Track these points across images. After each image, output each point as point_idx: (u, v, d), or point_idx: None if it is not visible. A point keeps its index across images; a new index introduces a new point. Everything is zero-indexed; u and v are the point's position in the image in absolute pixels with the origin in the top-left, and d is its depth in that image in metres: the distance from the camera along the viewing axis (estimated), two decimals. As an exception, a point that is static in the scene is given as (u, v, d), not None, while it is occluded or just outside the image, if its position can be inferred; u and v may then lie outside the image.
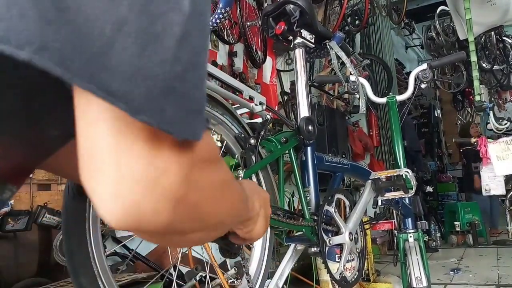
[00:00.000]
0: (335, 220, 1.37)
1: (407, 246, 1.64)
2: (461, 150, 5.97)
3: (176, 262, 1.48)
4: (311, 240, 1.31)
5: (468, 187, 5.79)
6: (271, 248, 1.24)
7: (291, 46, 1.51)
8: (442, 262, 4.03)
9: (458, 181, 6.80)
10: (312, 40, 1.51)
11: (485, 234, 5.12)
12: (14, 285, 1.68)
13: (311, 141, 1.41)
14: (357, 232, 1.44)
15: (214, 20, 2.29)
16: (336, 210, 1.38)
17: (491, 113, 4.22)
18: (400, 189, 1.52)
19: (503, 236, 5.28)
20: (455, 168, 7.79)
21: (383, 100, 1.83)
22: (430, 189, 5.69)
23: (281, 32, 1.43)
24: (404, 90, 1.85)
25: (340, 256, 1.38)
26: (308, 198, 1.39)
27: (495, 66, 5.67)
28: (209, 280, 1.50)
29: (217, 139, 1.15)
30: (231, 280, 1.88)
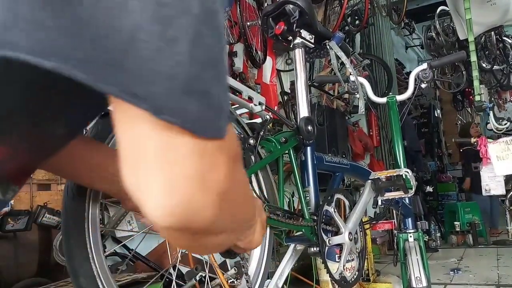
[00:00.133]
0: (334, 220, 1.37)
1: (407, 246, 1.63)
2: (461, 150, 5.97)
3: (175, 262, 1.48)
4: (311, 240, 1.31)
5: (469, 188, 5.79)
6: (270, 248, 1.24)
7: (291, 46, 1.51)
8: (442, 262, 4.03)
9: (458, 181, 6.80)
10: (312, 40, 1.51)
11: (485, 234, 5.12)
12: (14, 285, 1.68)
13: (310, 141, 1.41)
14: (357, 232, 1.44)
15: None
16: (335, 210, 1.38)
17: (491, 113, 4.21)
18: (400, 189, 1.52)
19: (503, 236, 5.28)
20: (455, 168, 7.79)
21: (383, 100, 1.83)
22: (430, 189, 5.69)
23: (280, 32, 1.43)
24: (404, 90, 1.84)
25: (340, 256, 1.38)
26: (307, 198, 1.39)
27: (495, 66, 5.67)
28: (208, 280, 1.50)
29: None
30: (231, 280, 1.88)
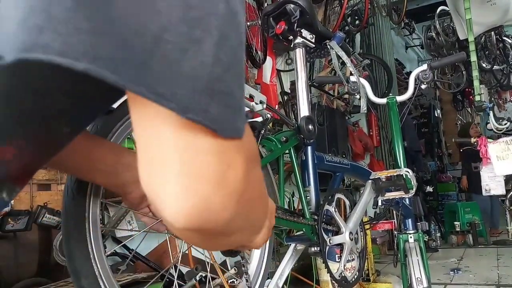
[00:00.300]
0: (335, 220, 1.37)
1: (407, 247, 1.63)
2: (461, 150, 5.96)
3: (176, 262, 1.47)
4: (311, 240, 1.31)
5: (468, 187, 5.79)
6: (271, 248, 1.24)
7: (291, 46, 1.50)
8: (442, 262, 4.03)
9: (458, 181, 6.79)
10: (313, 40, 1.51)
11: (485, 234, 5.12)
12: (14, 285, 1.68)
13: (311, 140, 1.41)
14: (357, 232, 1.43)
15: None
16: (336, 209, 1.38)
17: (491, 113, 4.21)
18: (401, 189, 1.52)
19: (503, 236, 5.28)
20: (455, 168, 7.78)
21: (383, 100, 1.83)
22: (430, 189, 5.69)
23: (281, 32, 1.43)
24: (404, 90, 1.85)
25: (340, 256, 1.37)
26: (308, 198, 1.39)
27: (495, 66, 5.67)
28: (210, 279, 1.49)
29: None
30: (231, 280, 1.88)
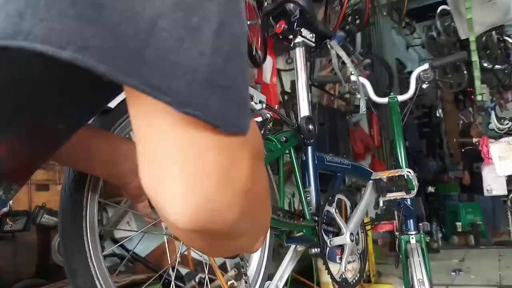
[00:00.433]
0: (336, 221, 1.36)
1: (409, 248, 1.62)
2: (462, 150, 5.95)
3: (174, 263, 1.47)
4: (312, 241, 1.30)
5: (470, 188, 5.78)
6: (270, 249, 1.23)
7: (292, 45, 1.49)
8: (443, 263, 4.02)
9: (460, 181, 6.78)
10: (313, 39, 1.49)
11: (486, 235, 5.10)
12: (13, 286, 1.67)
13: (311, 140, 1.40)
14: (358, 233, 1.42)
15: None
16: (337, 210, 1.37)
17: (492, 112, 4.20)
18: (402, 189, 1.50)
19: (505, 236, 5.27)
20: (456, 169, 7.76)
21: (384, 100, 1.82)
22: (431, 189, 5.68)
23: (281, 31, 1.42)
24: (405, 89, 1.83)
25: (341, 257, 1.36)
26: (308, 199, 1.38)
27: (496, 66, 5.66)
28: (208, 281, 1.49)
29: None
30: (230, 282, 1.87)
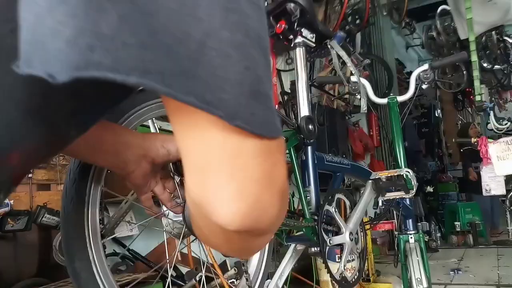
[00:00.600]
0: (335, 220, 1.37)
1: (408, 247, 1.63)
2: (461, 150, 5.96)
3: (171, 260, 1.47)
4: (311, 240, 1.30)
5: (468, 187, 5.78)
6: (270, 248, 1.24)
7: (292, 45, 1.50)
8: (442, 262, 4.02)
9: (459, 181, 6.79)
10: (313, 39, 1.50)
11: (485, 234, 5.11)
12: (14, 285, 1.68)
13: (311, 140, 1.41)
14: (357, 232, 1.43)
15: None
16: (336, 210, 1.38)
17: (491, 113, 4.21)
18: (401, 189, 1.51)
19: (504, 236, 5.28)
20: (455, 168, 7.77)
21: (384, 100, 1.82)
22: (430, 189, 5.68)
23: (281, 31, 1.42)
24: (404, 90, 1.84)
25: (341, 256, 1.37)
26: (308, 198, 1.39)
27: (495, 66, 5.66)
28: (204, 280, 1.49)
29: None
30: (231, 280, 1.87)
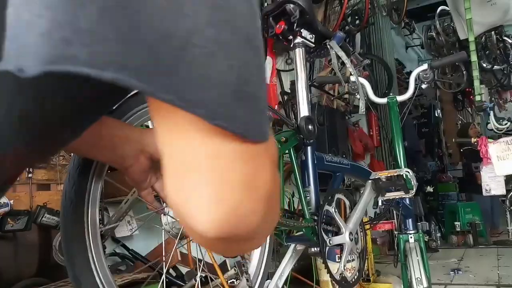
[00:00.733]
0: (335, 220, 1.37)
1: (408, 247, 1.63)
2: (461, 150, 5.96)
3: (167, 260, 1.46)
4: (311, 240, 1.31)
5: (468, 187, 5.78)
6: (270, 248, 1.24)
7: (291, 46, 1.50)
8: (442, 262, 4.02)
9: (459, 181, 6.79)
10: (312, 40, 1.50)
11: (485, 234, 5.11)
12: (14, 285, 1.68)
13: (311, 140, 1.41)
14: (357, 232, 1.43)
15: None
16: (336, 210, 1.38)
17: (491, 113, 4.21)
18: (401, 189, 1.51)
19: (504, 236, 5.28)
20: (455, 168, 7.77)
21: (383, 100, 1.82)
22: (430, 189, 5.68)
23: (281, 32, 1.43)
24: (404, 90, 1.84)
25: (340, 257, 1.37)
26: (308, 198, 1.39)
27: (495, 66, 5.66)
28: (202, 281, 1.49)
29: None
30: (231, 280, 1.87)
